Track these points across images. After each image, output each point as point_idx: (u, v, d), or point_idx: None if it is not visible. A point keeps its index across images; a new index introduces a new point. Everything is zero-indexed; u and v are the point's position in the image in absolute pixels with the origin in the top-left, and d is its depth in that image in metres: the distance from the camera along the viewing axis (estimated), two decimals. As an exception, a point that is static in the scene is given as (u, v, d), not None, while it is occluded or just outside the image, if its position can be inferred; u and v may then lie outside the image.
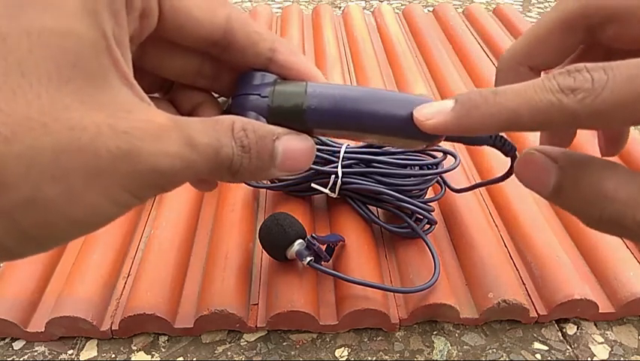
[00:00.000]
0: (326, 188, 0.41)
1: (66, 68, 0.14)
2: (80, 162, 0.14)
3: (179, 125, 0.16)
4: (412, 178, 0.39)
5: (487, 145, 0.23)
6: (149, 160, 0.15)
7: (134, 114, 0.15)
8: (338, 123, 0.20)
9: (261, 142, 0.18)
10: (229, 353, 0.36)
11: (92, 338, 0.37)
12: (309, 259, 0.35)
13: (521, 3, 0.97)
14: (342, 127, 0.20)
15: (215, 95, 0.24)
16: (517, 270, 0.40)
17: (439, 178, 0.43)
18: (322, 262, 0.37)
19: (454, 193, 0.45)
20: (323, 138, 0.43)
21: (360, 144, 0.43)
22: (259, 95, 0.20)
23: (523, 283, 0.39)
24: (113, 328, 0.36)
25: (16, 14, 0.14)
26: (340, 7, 0.95)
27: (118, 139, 0.14)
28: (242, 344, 0.36)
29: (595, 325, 0.38)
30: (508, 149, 0.23)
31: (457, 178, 0.46)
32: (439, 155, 0.41)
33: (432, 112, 0.19)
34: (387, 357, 0.35)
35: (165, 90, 0.23)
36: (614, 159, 0.49)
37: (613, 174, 0.17)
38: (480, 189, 0.48)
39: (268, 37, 0.20)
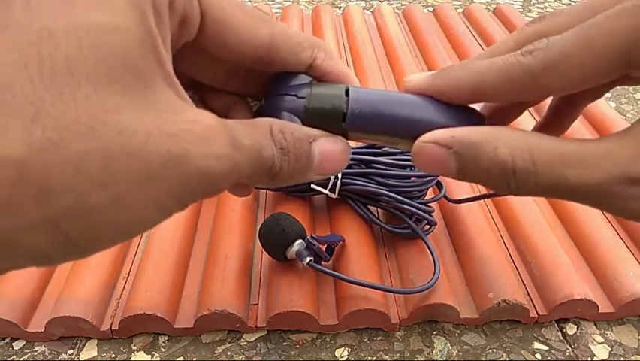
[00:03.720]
0: (326, 188, 0.41)
1: (115, 66, 0.13)
2: (129, 167, 0.13)
3: (226, 126, 0.16)
4: (411, 179, 0.39)
5: None
6: (199, 163, 0.14)
7: (181, 115, 0.15)
8: (375, 128, 0.20)
9: (298, 144, 0.18)
10: (229, 353, 0.36)
11: (92, 338, 0.37)
12: (309, 259, 0.35)
13: (521, 3, 0.97)
14: (378, 132, 0.20)
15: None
16: (517, 270, 0.40)
17: (438, 180, 0.43)
18: (322, 262, 0.37)
19: (454, 192, 0.45)
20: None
21: (360, 144, 0.43)
22: (295, 95, 0.20)
23: (523, 283, 0.39)
24: (113, 328, 0.36)
25: (64, 10, 0.13)
26: (340, 7, 0.95)
27: (168, 142, 0.14)
28: (242, 344, 0.36)
29: (595, 325, 0.38)
30: None
31: (456, 181, 0.46)
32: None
33: (415, 76, 0.20)
34: (387, 357, 0.35)
35: (195, 89, 0.23)
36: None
37: (503, 142, 0.18)
38: (480, 189, 0.48)
39: (309, 45, 0.20)
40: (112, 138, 0.13)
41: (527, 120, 0.55)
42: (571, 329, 0.37)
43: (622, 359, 0.35)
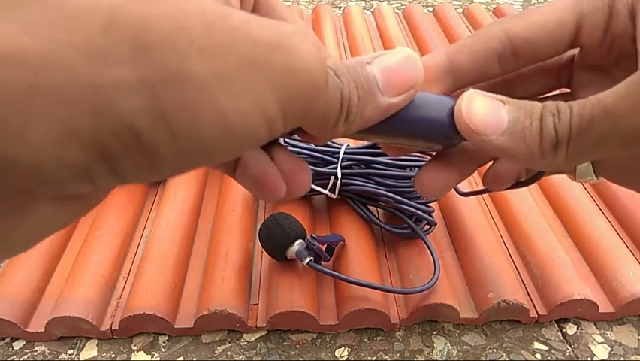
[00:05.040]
0: (325, 189, 0.41)
1: None
2: (232, 42, 0.12)
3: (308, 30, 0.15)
4: (411, 180, 0.39)
5: None
6: (301, 56, 0.13)
7: (272, 14, 0.14)
8: (379, 130, 0.19)
9: (352, 71, 0.16)
10: (229, 353, 0.36)
11: (92, 338, 0.37)
12: (309, 259, 0.35)
13: (521, 3, 0.97)
14: (366, 130, 0.19)
15: None
16: (517, 270, 0.40)
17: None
18: (322, 262, 0.37)
19: (454, 192, 0.45)
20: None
21: (360, 144, 0.43)
22: None
23: (523, 283, 0.39)
24: (113, 328, 0.36)
25: None
26: (340, 7, 0.95)
27: (270, 29, 0.13)
28: (242, 344, 0.36)
29: (595, 325, 0.38)
30: None
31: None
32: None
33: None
34: (387, 357, 0.35)
35: None
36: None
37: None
38: (478, 187, 0.48)
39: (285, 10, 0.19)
40: (213, 9, 0.12)
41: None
42: (571, 329, 0.37)
43: (622, 359, 0.35)
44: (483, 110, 0.18)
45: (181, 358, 0.35)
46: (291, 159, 0.19)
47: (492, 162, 0.25)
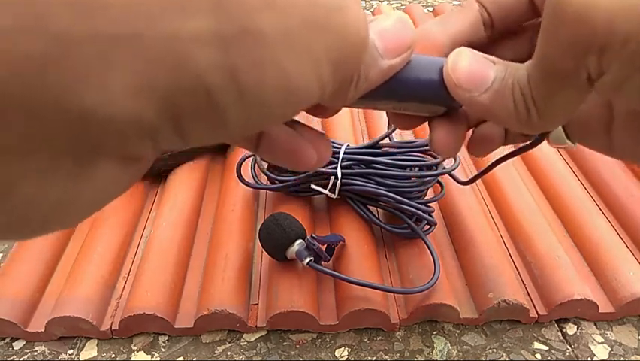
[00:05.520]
0: (326, 189, 0.41)
1: None
2: (296, 1, 0.12)
3: None
4: (411, 179, 0.39)
5: None
6: (355, 15, 0.14)
7: None
8: (377, 95, 0.19)
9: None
10: (229, 353, 0.36)
11: (92, 338, 0.37)
12: (309, 259, 0.35)
13: (521, 3, 0.96)
14: (364, 96, 0.19)
15: None
16: (517, 270, 0.40)
17: (439, 180, 0.43)
18: (322, 262, 0.37)
19: (455, 192, 0.45)
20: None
21: (360, 144, 0.43)
22: None
23: (523, 283, 0.39)
24: (113, 328, 0.36)
25: None
26: (340, 7, 0.95)
27: None
28: (242, 344, 0.36)
29: (595, 325, 0.38)
30: None
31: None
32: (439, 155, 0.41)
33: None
34: (387, 357, 0.35)
35: None
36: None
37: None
38: (479, 189, 0.48)
39: None
40: None
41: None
42: (571, 329, 0.37)
43: (622, 359, 0.35)
44: (468, 66, 0.18)
45: (181, 358, 0.35)
46: (309, 129, 0.20)
47: (474, 127, 0.25)
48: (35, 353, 0.36)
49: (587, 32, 0.15)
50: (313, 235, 0.36)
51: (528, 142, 0.25)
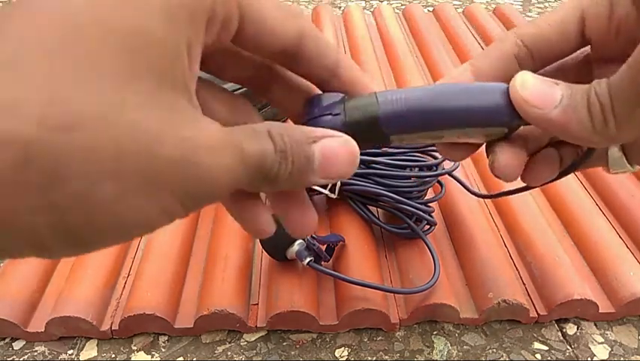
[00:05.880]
0: (325, 189, 0.41)
1: (138, 67, 0.14)
2: (139, 164, 0.13)
3: (232, 136, 0.16)
4: (411, 179, 0.39)
5: None
6: (205, 170, 0.15)
7: (193, 123, 0.15)
8: (415, 125, 0.20)
9: (297, 146, 0.17)
10: (229, 353, 0.36)
11: (92, 338, 0.37)
12: (309, 259, 0.35)
13: (521, 3, 0.97)
14: (419, 128, 0.20)
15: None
16: (517, 270, 0.40)
17: (439, 180, 0.43)
18: (322, 262, 0.37)
19: (454, 192, 0.45)
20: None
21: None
22: (330, 113, 0.20)
23: (523, 283, 0.39)
24: (113, 328, 0.36)
25: (95, 8, 0.13)
26: (340, 7, 0.95)
27: (179, 145, 0.14)
28: (242, 344, 0.36)
29: (595, 325, 0.38)
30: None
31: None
32: (439, 156, 0.41)
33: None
34: (387, 357, 0.35)
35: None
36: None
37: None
38: (480, 189, 0.48)
39: (334, 51, 0.20)
40: (125, 132, 0.13)
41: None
42: (571, 329, 0.37)
43: (622, 359, 0.35)
44: (536, 85, 0.19)
45: (181, 358, 0.35)
46: (299, 206, 0.21)
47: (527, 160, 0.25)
48: (35, 353, 0.36)
49: None
50: (313, 235, 0.36)
51: (570, 164, 0.25)
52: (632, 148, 0.24)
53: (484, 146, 0.23)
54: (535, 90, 0.19)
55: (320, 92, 0.21)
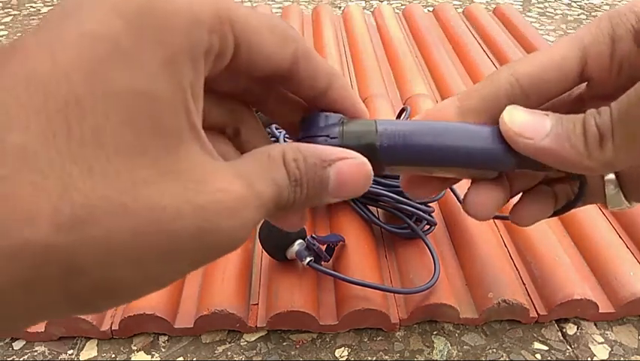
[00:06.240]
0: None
1: (144, 134, 0.13)
2: (158, 244, 0.13)
3: (247, 183, 0.15)
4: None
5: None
6: (226, 234, 0.15)
7: (210, 184, 0.14)
8: (411, 159, 0.20)
9: (311, 171, 0.17)
10: (229, 353, 0.36)
11: (92, 338, 0.37)
12: (309, 259, 0.35)
13: (521, 3, 0.97)
14: (415, 163, 0.20)
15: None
16: (517, 270, 0.40)
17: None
18: (322, 262, 0.37)
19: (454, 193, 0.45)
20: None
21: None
22: (327, 136, 0.20)
23: (523, 283, 0.39)
24: (113, 328, 0.36)
25: (92, 72, 0.13)
26: (340, 7, 0.95)
27: (196, 218, 0.14)
28: (242, 344, 0.36)
29: (595, 325, 0.38)
30: (575, 176, 0.23)
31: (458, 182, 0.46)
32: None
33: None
34: (387, 357, 0.35)
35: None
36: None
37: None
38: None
39: (327, 71, 0.20)
40: (142, 214, 0.13)
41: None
42: (571, 329, 0.37)
43: (622, 359, 0.35)
44: (525, 116, 0.20)
45: (181, 358, 0.35)
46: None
47: (520, 196, 0.25)
48: (35, 353, 0.36)
49: None
50: (313, 235, 0.36)
51: (567, 202, 0.25)
52: (629, 184, 0.24)
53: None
54: (525, 122, 0.19)
55: (316, 110, 0.21)
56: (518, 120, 0.20)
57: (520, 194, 0.26)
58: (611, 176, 0.24)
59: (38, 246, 0.11)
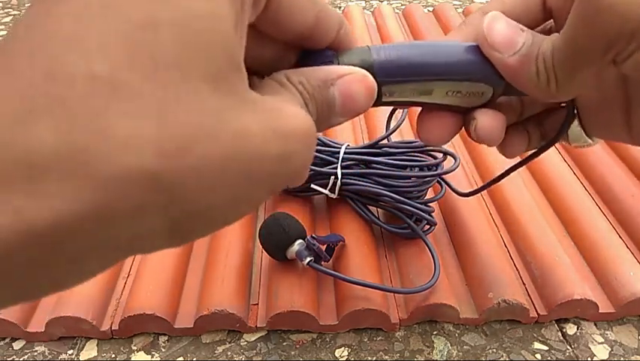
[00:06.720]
0: (325, 189, 0.41)
1: (218, 60, 0.13)
2: (246, 169, 0.13)
3: (307, 114, 0.16)
4: (411, 180, 0.39)
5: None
6: (302, 159, 0.15)
7: (284, 112, 0.15)
8: (407, 72, 0.20)
9: (317, 93, 0.17)
10: (229, 353, 0.36)
11: (92, 338, 0.37)
12: (309, 259, 0.35)
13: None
14: (411, 74, 0.20)
15: None
16: (517, 270, 0.40)
17: (439, 179, 0.43)
18: (322, 262, 0.37)
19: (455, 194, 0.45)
20: (323, 139, 0.43)
21: (360, 144, 0.43)
22: (324, 63, 0.20)
23: (523, 283, 0.39)
24: (113, 328, 0.36)
25: (147, 4, 0.12)
26: (340, 7, 0.95)
27: (279, 143, 0.14)
28: (242, 344, 0.36)
29: (595, 325, 0.38)
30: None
31: (457, 179, 0.46)
32: (439, 155, 0.41)
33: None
34: (387, 357, 0.35)
35: None
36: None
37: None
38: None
39: (340, 23, 0.20)
40: (230, 140, 0.13)
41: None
42: (571, 329, 0.37)
43: (622, 359, 0.35)
44: (502, 29, 0.20)
45: (181, 358, 0.35)
46: None
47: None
48: (35, 353, 0.36)
49: (619, 22, 0.17)
50: (313, 235, 0.36)
51: (535, 150, 0.26)
52: (587, 121, 0.24)
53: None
54: (500, 33, 0.20)
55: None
56: (495, 29, 0.20)
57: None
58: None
59: (145, 172, 0.11)
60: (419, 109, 0.23)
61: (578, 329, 0.37)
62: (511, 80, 0.21)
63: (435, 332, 0.37)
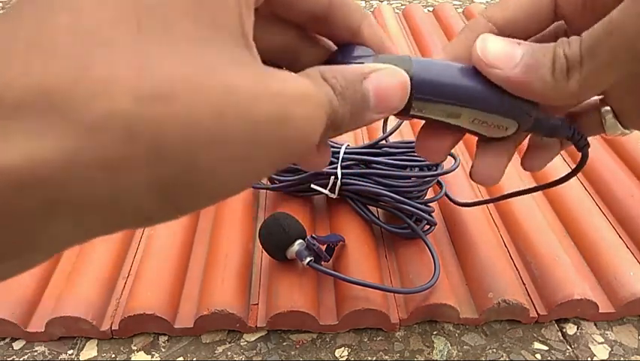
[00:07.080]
0: (325, 189, 0.41)
1: (213, 26, 0.13)
2: (239, 126, 0.13)
3: (313, 84, 0.16)
4: (411, 180, 0.39)
5: (564, 137, 0.24)
6: (298, 124, 0.14)
7: (279, 75, 0.14)
8: (443, 94, 0.20)
9: (351, 87, 0.17)
10: (229, 353, 0.36)
11: (92, 338, 0.37)
12: (309, 259, 0.35)
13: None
14: (447, 97, 0.20)
15: None
16: (517, 270, 0.40)
17: (439, 180, 0.43)
18: (322, 262, 0.37)
19: (455, 192, 0.45)
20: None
21: (360, 144, 0.43)
22: (362, 63, 0.20)
23: (523, 283, 0.39)
24: (113, 328, 0.36)
25: None
26: (340, 8, 0.95)
27: (272, 103, 0.14)
28: (242, 344, 0.36)
29: (595, 325, 0.38)
30: (582, 144, 0.24)
31: (457, 180, 0.46)
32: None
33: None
34: (387, 357, 0.35)
35: None
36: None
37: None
38: (480, 189, 0.48)
39: (359, 13, 0.20)
40: (220, 96, 0.12)
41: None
42: (571, 329, 0.37)
43: (622, 359, 0.35)
44: (496, 46, 0.20)
45: (181, 358, 0.35)
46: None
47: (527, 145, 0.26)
48: (35, 353, 0.36)
49: None
50: (313, 235, 0.36)
51: (561, 177, 0.27)
52: (622, 113, 0.24)
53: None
54: (496, 51, 0.20)
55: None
56: (490, 49, 0.20)
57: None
58: (607, 107, 0.24)
59: (121, 117, 0.11)
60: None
61: (578, 329, 0.37)
62: (519, 93, 0.20)
63: (435, 332, 0.37)
